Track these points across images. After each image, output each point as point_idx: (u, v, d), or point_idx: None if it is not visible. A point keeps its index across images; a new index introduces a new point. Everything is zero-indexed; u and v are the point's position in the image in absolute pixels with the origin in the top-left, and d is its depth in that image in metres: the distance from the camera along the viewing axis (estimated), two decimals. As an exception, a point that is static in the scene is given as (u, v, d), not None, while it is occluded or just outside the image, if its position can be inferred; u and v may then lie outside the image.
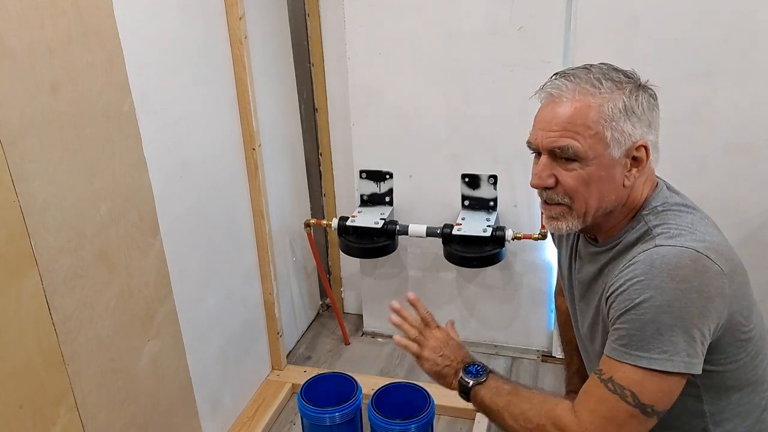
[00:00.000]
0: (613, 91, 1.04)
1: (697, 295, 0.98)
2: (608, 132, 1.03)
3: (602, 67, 1.08)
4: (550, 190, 1.10)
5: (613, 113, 1.03)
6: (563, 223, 1.11)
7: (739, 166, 1.84)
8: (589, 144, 1.04)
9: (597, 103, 1.04)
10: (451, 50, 1.96)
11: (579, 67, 1.10)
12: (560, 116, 1.05)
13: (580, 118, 1.04)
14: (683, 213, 1.08)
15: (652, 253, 1.02)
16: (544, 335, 2.26)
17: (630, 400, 1.00)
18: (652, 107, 1.07)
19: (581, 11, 1.79)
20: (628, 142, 1.05)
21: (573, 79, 1.06)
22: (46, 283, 1.14)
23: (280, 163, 2.14)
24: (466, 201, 2.12)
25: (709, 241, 1.02)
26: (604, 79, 1.05)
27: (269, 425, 1.98)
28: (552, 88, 1.07)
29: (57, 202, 1.15)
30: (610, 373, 1.02)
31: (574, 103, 1.05)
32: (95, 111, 1.23)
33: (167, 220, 1.50)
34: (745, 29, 1.70)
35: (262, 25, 1.94)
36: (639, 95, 1.06)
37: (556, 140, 1.06)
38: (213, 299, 1.78)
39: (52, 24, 1.11)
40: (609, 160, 1.05)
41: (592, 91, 1.04)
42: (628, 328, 1.01)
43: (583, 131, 1.04)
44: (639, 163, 1.07)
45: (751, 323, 1.07)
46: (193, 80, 1.62)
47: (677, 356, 0.98)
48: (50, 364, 1.17)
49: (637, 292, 1.00)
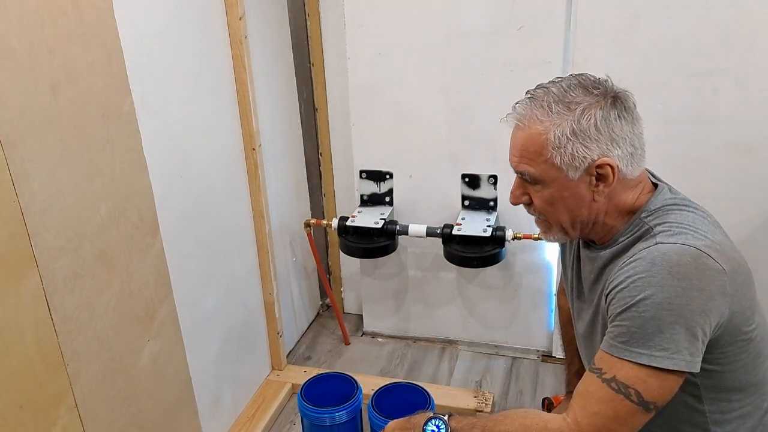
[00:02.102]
0: (561, 116, 1.07)
1: (698, 293, 0.98)
2: (557, 158, 1.07)
3: (563, 86, 1.10)
4: (529, 207, 1.17)
5: (560, 140, 1.06)
6: (550, 235, 1.18)
7: (739, 166, 1.83)
8: (543, 169, 1.09)
9: (544, 130, 1.07)
10: (451, 50, 1.96)
11: (546, 84, 1.13)
12: (517, 143, 1.12)
13: (531, 146, 1.09)
14: (684, 211, 1.08)
15: (653, 250, 1.02)
16: (544, 335, 2.26)
17: (634, 399, 1.00)
18: (612, 121, 1.06)
19: (581, 11, 1.79)
20: (584, 163, 1.07)
21: (530, 103, 1.10)
22: (46, 283, 1.14)
23: (280, 163, 2.14)
24: (466, 201, 2.12)
25: (711, 240, 1.02)
26: (557, 102, 1.08)
27: (269, 425, 1.98)
28: (513, 113, 1.13)
29: (57, 202, 1.15)
30: (612, 372, 1.02)
31: (526, 131, 1.10)
32: (95, 111, 1.23)
33: (167, 220, 1.50)
34: (745, 29, 1.70)
35: (262, 25, 1.94)
36: (592, 114, 1.06)
37: (517, 165, 1.13)
38: (213, 299, 1.78)
39: (52, 24, 1.11)
40: (567, 181, 1.09)
41: (541, 118, 1.08)
42: (629, 326, 1.01)
43: (535, 158, 1.09)
44: (605, 179, 1.08)
45: (753, 323, 1.07)
46: (193, 80, 1.62)
47: (678, 354, 0.99)
48: (50, 364, 1.17)
49: (638, 290, 1.00)
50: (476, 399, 2.01)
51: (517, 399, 2.08)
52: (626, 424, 1.01)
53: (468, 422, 1.13)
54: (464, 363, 2.26)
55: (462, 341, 2.35)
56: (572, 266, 1.28)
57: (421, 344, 2.37)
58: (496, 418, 1.12)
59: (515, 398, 2.08)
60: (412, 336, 2.40)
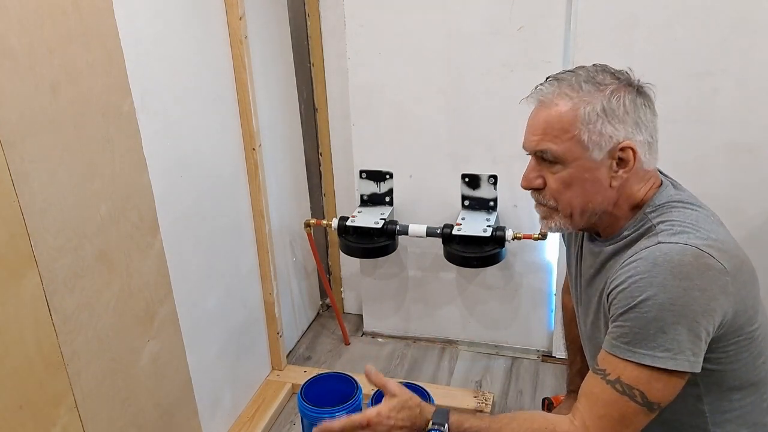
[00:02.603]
0: (592, 93, 1.06)
1: (699, 292, 0.98)
2: (585, 135, 1.05)
3: (590, 69, 1.10)
4: (539, 192, 1.13)
5: (590, 116, 1.04)
6: (551, 222, 1.15)
7: (739, 166, 1.83)
8: (567, 147, 1.06)
9: (574, 105, 1.05)
10: (451, 50, 1.96)
11: (570, 69, 1.12)
12: (540, 120, 1.08)
13: (558, 122, 1.06)
14: (687, 210, 1.08)
15: (655, 250, 1.02)
16: (544, 335, 2.26)
17: (639, 400, 1.01)
18: (639, 106, 1.07)
19: (581, 11, 1.79)
20: (609, 143, 1.05)
21: (556, 84, 1.08)
22: (46, 283, 1.14)
23: (280, 163, 2.14)
24: (466, 201, 2.12)
25: (713, 239, 1.02)
26: (586, 82, 1.07)
27: (269, 425, 1.98)
28: (537, 93, 1.10)
29: (57, 202, 1.15)
30: (616, 374, 1.02)
31: (553, 107, 1.07)
32: (95, 111, 1.23)
33: (167, 220, 1.50)
34: (745, 29, 1.70)
35: (262, 25, 1.94)
36: (621, 96, 1.06)
37: (537, 143, 1.09)
38: (213, 299, 1.78)
39: (52, 24, 1.11)
40: (590, 162, 1.07)
41: (571, 94, 1.06)
42: (631, 326, 1.01)
43: (560, 134, 1.06)
44: (625, 164, 1.07)
45: (755, 323, 1.06)
46: (193, 80, 1.62)
47: (681, 355, 0.99)
48: (50, 364, 1.17)
49: (640, 290, 1.00)
50: (476, 399, 2.01)
51: (517, 399, 2.08)
52: (631, 424, 1.03)
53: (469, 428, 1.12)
54: (464, 363, 2.26)
55: (462, 341, 2.35)
56: (576, 262, 1.28)
57: (421, 344, 2.37)
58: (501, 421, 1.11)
59: (515, 398, 2.08)
60: (412, 336, 2.40)
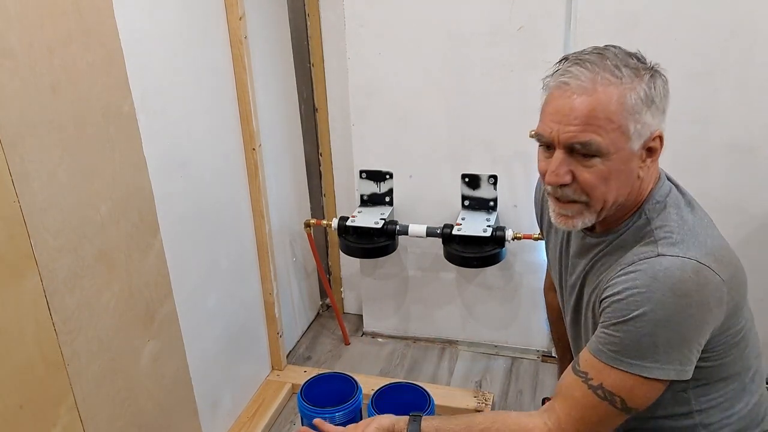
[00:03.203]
0: (633, 79, 0.98)
1: (696, 309, 0.97)
2: (632, 125, 0.98)
3: (615, 51, 1.01)
4: (565, 187, 1.03)
5: (636, 104, 0.97)
6: (578, 220, 1.05)
7: (739, 166, 1.83)
8: (612, 138, 0.97)
9: (619, 93, 0.96)
10: (451, 50, 1.96)
11: (590, 50, 1.03)
12: (579, 109, 0.97)
13: (603, 111, 0.96)
14: (684, 213, 1.06)
15: (655, 263, 0.99)
16: (544, 335, 2.26)
17: (619, 405, 1.01)
18: (666, 93, 1.03)
19: (581, 11, 1.79)
20: (647, 133, 1.00)
21: (590, 67, 0.98)
22: (46, 283, 1.14)
23: (280, 163, 2.14)
24: (466, 201, 2.12)
25: (710, 246, 1.01)
26: (623, 66, 0.98)
27: (269, 425, 1.98)
28: (568, 77, 0.99)
29: (57, 202, 1.15)
30: (599, 379, 1.01)
31: (596, 95, 0.96)
32: (95, 111, 1.23)
33: (167, 220, 1.50)
34: (745, 29, 1.70)
35: (262, 25, 1.94)
36: (656, 81, 1.01)
37: (576, 135, 0.98)
38: (213, 299, 1.78)
39: (52, 24, 1.11)
40: (629, 153, 1.00)
41: (613, 80, 0.97)
42: (623, 338, 0.99)
43: (606, 125, 0.96)
44: (653, 154, 1.03)
45: (742, 320, 1.07)
46: (193, 80, 1.62)
47: (669, 365, 0.99)
48: (50, 365, 1.17)
49: (637, 304, 0.98)
50: (476, 399, 2.01)
51: (517, 399, 2.08)
52: (607, 426, 1.04)
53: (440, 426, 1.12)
54: (464, 363, 2.26)
55: (462, 341, 2.35)
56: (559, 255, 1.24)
57: (421, 344, 2.37)
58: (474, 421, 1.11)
59: (515, 398, 2.08)
60: (412, 336, 2.40)
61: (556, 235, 1.26)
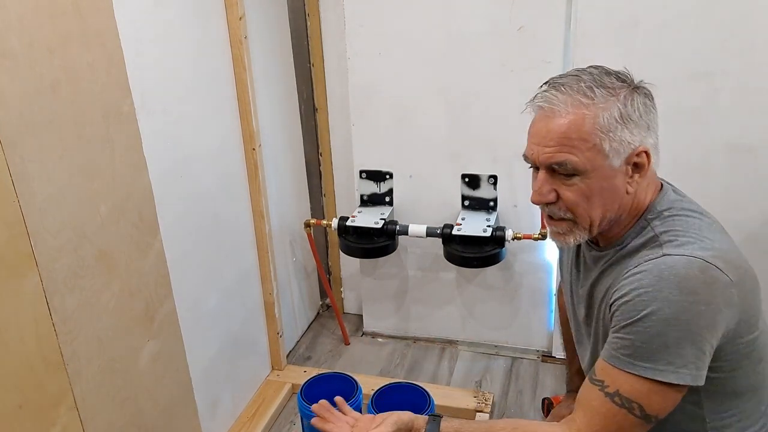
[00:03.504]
0: (606, 99, 1.01)
1: (705, 307, 0.97)
2: (606, 143, 1.01)
3: (593, 72, 1.05)
4: (552, 205, 1.07)
5: (609, 123, 1.00)
6: (570, 238, 1.09)
7: (739, 166, 1.83)
8: (587, 157, 1.01)
9: (591, 114, 1.01)
10: (451, 50, 1.96)
11: (569, 73, 1.07)
12: (554, 131, 1.02)
13: (576, 132, 1.01)
14: (690, 218, 1.05)
15: (660, 263, 0.99)
16: (544, 335, 2.26)
17: (637, 413, 0.99)
18: (649, 109, 1.05)
19: (581, 11, 1.79)
20: (628, 149, 1.02)
21: (564, 90, 1.03)
22: (46, 283, 1.14)
23: (280, 163, 2.14)
24: (466, 201, 2.12)
25: (718, 249, 1.00)
26: (596, 86, 1.02)
27: (269, 425, 1.98)
28: (543, 101, 1.04)
29: (57, 202, 1.15)
30: (615, 386, 1.01)
31: (568, 116, 1.01)
32: (95, 111, 1.23)
33: (167, 220, 1.50)
34: (745, 29, 1.70)
35: (262, 25, 1.94)
36: (634, 99, 1.03)
37: (552, 156, 1.03)
38: (213, 299, 1.78)
39: (52, 24, 1.11)
40: (609, 170, 1.03)
41: (585, 102, 1.01)
42: (634, 340, 0.99)
43: (580, 145, 1.01)
44: (641, 169, 1.05)
45: (756, 330, 1.05)
46: (193, 80, 1.62)
47: (684, 369, 0.97)
48: (50, 364, 1.17)
49: (644, 304, 0.98)
50: (476, 399, 2.01)
51: (517, 399, 2.08)
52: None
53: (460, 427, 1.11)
54: (464, 363, 2.26)
55: (462, 341, 2.35)
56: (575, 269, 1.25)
57: (421, 344, 2.37)
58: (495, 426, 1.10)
59: (515, 398, 2.08)
60: (412, 336, 2.40)
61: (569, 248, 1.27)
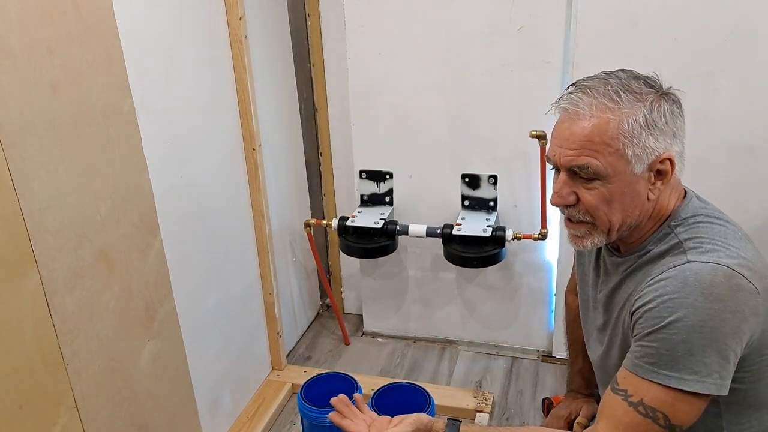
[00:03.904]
0: (632, 104, 1.00)
1: (730, 315, 0.95)
2: (629, 149, 0.99)
3: (621, 76, 1.03)
4: (572, 208, 1.07)
5: (633, 129, 0.99)
6: (588, 241, 1.08)
7: (739, 166, 1.83)
8: (609, 162, 1.00)
9: (616, 118, 0.99)
10: (451, 50, 1.96)
11: (597, 76, 1.05)
12: (578, 134, 1.01)
13: (599, 136, 0.99)
14: (715, 225, 1.04)
15: (685, 269, 0.98)
16: (544, 335, 2.26)
17: (662, 422, 0.98)
18: (676, 116, 1.03)
19: (581, 11, 1.79)
20: (651, 156, 1.01)
21: (590, 93, 1.01)
22: (46, 283, 1.14)
23: (280, 163, 2.14)
24: (466, 201, 2.12)
25: (743, 257, 0.99)
26: (623, 91, 1.01)
27: (269, 425, 1.98)
28: (568, 103, 1.03)
29: (57, 202, 1.15)
30: (639, 396, 0.99)
31: (592, 120, 1.00)
32: (95, 111, 1.23)
33: (167, 220, 1.50)
34: (745, 29, 1.70)
35: (262, 25, 1.94)
36: (661, 106, 1.01)
37: (574, 159, 1.02)
38: (213, 299, 1.78)
39: (52, 24, 1.11)
40: (631, 176, 1.01)
41: (610, 106, 1.00)
42: (658, 347, 0.97)
43: (602, 149, 1.00)
44: (664, 176, 1.03)
45: None
46: (193, 80, 1.62)
47: (709, 378, 0.96)
48: (50, 364, 1.17)
49: (669, 311, 0.97)
50: (476, 399, 2.01)
51: (517, 399, 2.08)
52: None
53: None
54: (464, 363, 2.26)
55: (462, 341, 2.35)
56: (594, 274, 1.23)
57: (421, 344, 2.37)
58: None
59: (515, 398, 2.08)
60: (412, 336, 2.40)
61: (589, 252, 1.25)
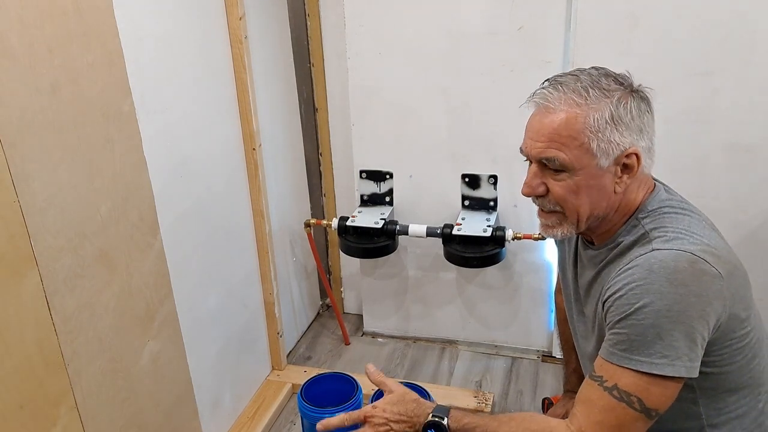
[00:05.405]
0: (600, 100, 1.04)
1: (696, 298, 0.99)
2: (594, 143, 1.04)
3: (592, 73, 1.08)
4: (543, 198, 1.12)
5: (599, 124, 1.03)
6: (558, 230, 1.13)
7: (739, 166, 1.83)
8: (575, 155, 1.05)
9: (583, 113, 1.04)
10: (451, 50, 1.96)
11: (570, 72, 1.10)
12: (546, 127, 1.06)
13: (566, 130, 1.04)
14: (680, 215, 1.08)
15: (650, 257, 1.02)
16: (544, 335, 2.26)
17: (636, 406, 1.01)
18: (643, 113, 1.07)
19: (581, 11, 1.79)
20: (617, 151, 1.05)
21: (560, 88, 1.06)
22: (46, 283, 1.14)
23: (280, 163, 2.14)
24: (466, 201, 2.12)
25: (706, 244, 1.02)
26: (592, 87, 1.05)
27: (269, 425, 1.98)
28: (540, 98, 1.08)
29: (57, 202, 1.15)
30: (613, 381, 1.02)
31: (560, 114, 1.05)
32: (95, 111, 1.23)
33: (167, 220, 1.50)
34: (745, 29, 1.70)
35: (262, 25, 1.94)
36: (628, 102, 1.05)
37: (543, 151, 1.07)
38: (213, 299, 1.78)
39: (52, 24, 1.11)
40: (597, 169, 1.06)
41: (578, 101, 1.05)
42: (629, 333, 1.01)
43: (569, 142, 1.05)
44: (630, 170, 1.07)
45: (748, 326, 1.07)
46: (193, 80, 1.62)
47: (678, 361, 0.99)
48: (50, 364, 1.17)
49: (636, 297, 1.00)
50: (476, 399, 2.01)
51: (517, 399, 2.08)
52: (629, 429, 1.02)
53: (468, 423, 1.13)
54: (464, 363, 2.26)
55: (462, 341, 2.35)
56: (572, 268, 1.27)
57: (421, 344, 2.37)
58: (499, 419, 1.12)
59: (515, 398, 2.08)
60: (412, 336, 2.40)
61: (569, 247, 1.29)
